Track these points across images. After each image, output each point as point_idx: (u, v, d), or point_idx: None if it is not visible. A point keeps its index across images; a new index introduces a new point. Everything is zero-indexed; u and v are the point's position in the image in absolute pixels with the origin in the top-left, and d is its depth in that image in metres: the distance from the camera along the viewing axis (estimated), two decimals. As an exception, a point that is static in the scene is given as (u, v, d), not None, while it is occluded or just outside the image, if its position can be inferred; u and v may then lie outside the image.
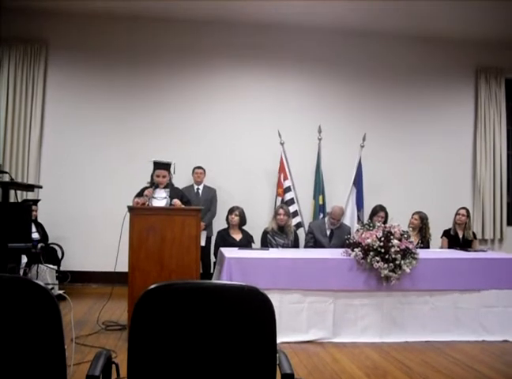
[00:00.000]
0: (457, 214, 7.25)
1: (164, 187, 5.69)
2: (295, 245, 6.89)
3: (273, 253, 5.85)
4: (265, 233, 6.87)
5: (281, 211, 6.83)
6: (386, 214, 7.13)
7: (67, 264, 7.54)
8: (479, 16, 7.78)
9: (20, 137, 7.95)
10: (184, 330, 1.92)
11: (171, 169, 5.80)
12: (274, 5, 7.66)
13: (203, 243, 6.94)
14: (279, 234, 6.78)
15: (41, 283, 1.85)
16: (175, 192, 5.76)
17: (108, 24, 8.17)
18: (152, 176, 5.74)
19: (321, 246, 6.77)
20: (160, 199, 5.63)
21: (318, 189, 8.09)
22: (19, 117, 7.96)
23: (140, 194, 5.59)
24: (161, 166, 5.74)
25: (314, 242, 6.89)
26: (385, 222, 6.59)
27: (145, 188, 5.68)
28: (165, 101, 8.28)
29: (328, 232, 6.93)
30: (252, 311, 1.93)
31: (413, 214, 7.05)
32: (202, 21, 8.23)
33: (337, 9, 7.75)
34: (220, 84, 8.41)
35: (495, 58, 8.97)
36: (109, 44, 8.21)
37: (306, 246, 6.96)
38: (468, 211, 7.27)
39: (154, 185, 5.66)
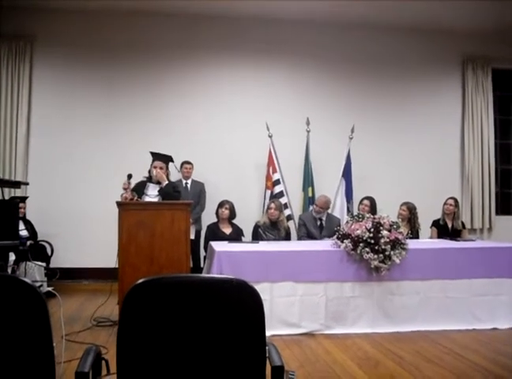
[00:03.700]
0: (445, 204, 7.27)
1: (158, 182, 5.63)
2: (287, 239, 6.88)
3: (264, 246, 5.84)
4: (256, 227, 6.87)
5: (272, 205, 6.83)
6: (372, 203, 7.12)
7: (57, 261, 7.50)
8: (465, 5, 7.79)
9: (6, 135, 7.90)
10: (173, 324, 1.91)
11: (174, 166, 5.81)
12: (264, 0, 7.65)
13: (192, 237, 6.90)
14: (270, 229, 6.77)
15: (28, 281, 1.83)
16: (168, 184, 5.69)
17: (96, 19, 8.11)
18: (149, 171, 5.71)
19: (313, 237, 6.79)
20: (153, 197, 5.58)
21: (308, 181, 8.09)
22: (5, 114, 7.91)
23: (133, 189, 5.52)
24: (159, 157, 5.71)
25: (306, 233, 6.91)
26: (373, 212, 6.60)
27: (141, 182, 5.64)
28: (153, 97, 8.25)
29: (318, 223, 6.95)
30: (241, 304, 1.92)
31: (401, 205, 7.06)
32: (191, 16, 8.22)
33: (326, 2, 7.75)
34: (206, 77, 8.39)
35: (482, 48, 8.99)
36: (97, 41, 8.16)
37: (300, 238, 6.97)
38: (456, 200, 7.29)
39: (149, 179, 5.63)
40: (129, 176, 5.43)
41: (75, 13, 8.01)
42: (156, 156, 5.73)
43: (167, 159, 5.76)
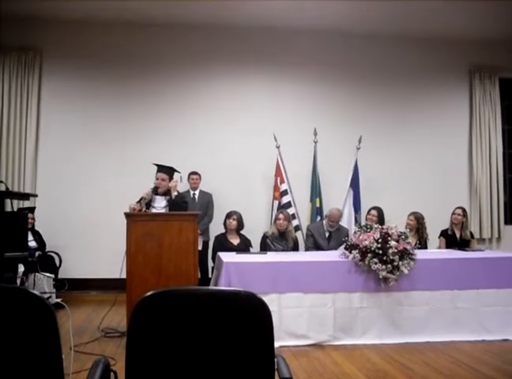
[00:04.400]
0: (453, 213, 7.23)
1: (164, 194, 5.65)
2: (295, 250, 6.86)
3: (272, 256, 5.83)
4: (264, 237, 6.86)
5: (281, 216, 6.82)
6: (380, 213, 7.10)
7: (65, 272, 7.52)
8: (471, 15, 7.80)
9: (15, 146, 7.94)
10: (182, 336, 1.91)
11: (178, 177, 5.84)
12: (269, 9, 7.68)
13: (199, 248, 6.89)
14: (278, 240, 6.76)
15: (37, 293, 1.84)
16: (177, 195, 5.70)
17: (103, 30, 8.17)
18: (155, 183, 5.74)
19: (321, 248, 6.77)
20: (160, 209, 5.59)
21: (315, 191, 8.09)
22: (14, 125, 7.95)
23: (140, 201, 5.54)
24: (163, 169, 5.73)
25: (314, 244, 6.89)
26: (381, 222, 6.59)
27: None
28: (161, 107, 8.28)
29: (327, 234, 6.93)
30: (249, 316, 1.92)
31: (409, 215, 7.03)
32: (198, 26, 8.23)
33: (332, 12, 7.77)
34: (215, 88, 8.41)
35: (489, 58, 8.98)
36: (104, 50, 8.21)
37: (307, 249, 6.96)
38: (464, 210, 7.26)
39: (155, 191, 5.65)
40: (155, 189, 5.55)
41: (82, 24, 8.06)
42: (160, 168, 5.75)
43: (169, 170, 5.77)
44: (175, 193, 5.62)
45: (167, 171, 5.72)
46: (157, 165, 5.78)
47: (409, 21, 8.07)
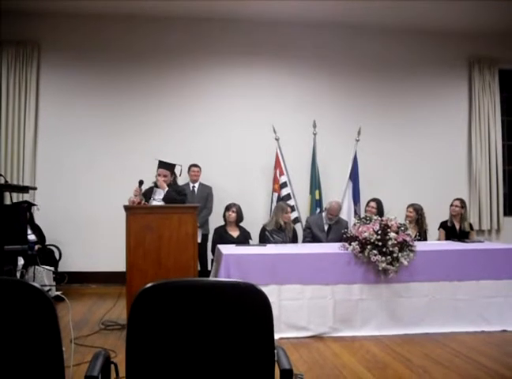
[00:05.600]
0: (451, 205, 7.23)
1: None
2: (294, 241, 6.88)
3: (271, 248, 5.84)
4: (263, 229, 6.87)
5: (289, 209, 6.90)
6: (379, 205, 7.11)
7: (65, 266, 7.53)
8: (471, 6, 7.77)
9: (14, 139, 7.92)
10: (182, 328, 1.92)
11: (177, 170, 5.82)
12: (270, 3, 7.66)
13: (199, 240, 6.89)
14: (278, 232, 6.77)
15: (37, 285, 1.85)
16: (173, 188, 5.70)
17: (102, 24, 8.13)
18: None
19: (319, 241, 6.78)
20: (159, 200, 5.60)
21: (315, 183, 8.08)
22: (13, 119, 7.93)
23: (142, 195, 5.55)
24: (164, 165, 5.73)
25: (311, 236, 6.90)
26: (380, 214, 6.58)
27: (149, 188, 5.68)
28: (161, 100, 8.26)
29: (326, 227, 6.94)
30: (249, 307, 1.93)
31: (408, 207, 7.03)
32: (197, 19, 8.20)
33: (331, 4, 7.74)
34: (214, 81, 8.39)
35: (488, 49, 8.96)
36: (103, 44, 8.17)
37: (304, 241, 6.97)
38: (463, 202, 7.25)
39: (156, 185, 5.65)
40: (141, 182, 5.49)
41: (81, 17, 8.03)
42: (161, 164, 5.76)
43: (170, 166, 5.77)
44: (166, 189, 5.60)
45: (168, 167, 5.73)
46: (159, 161, 5.78)
47: (409, 13, 8.03)
